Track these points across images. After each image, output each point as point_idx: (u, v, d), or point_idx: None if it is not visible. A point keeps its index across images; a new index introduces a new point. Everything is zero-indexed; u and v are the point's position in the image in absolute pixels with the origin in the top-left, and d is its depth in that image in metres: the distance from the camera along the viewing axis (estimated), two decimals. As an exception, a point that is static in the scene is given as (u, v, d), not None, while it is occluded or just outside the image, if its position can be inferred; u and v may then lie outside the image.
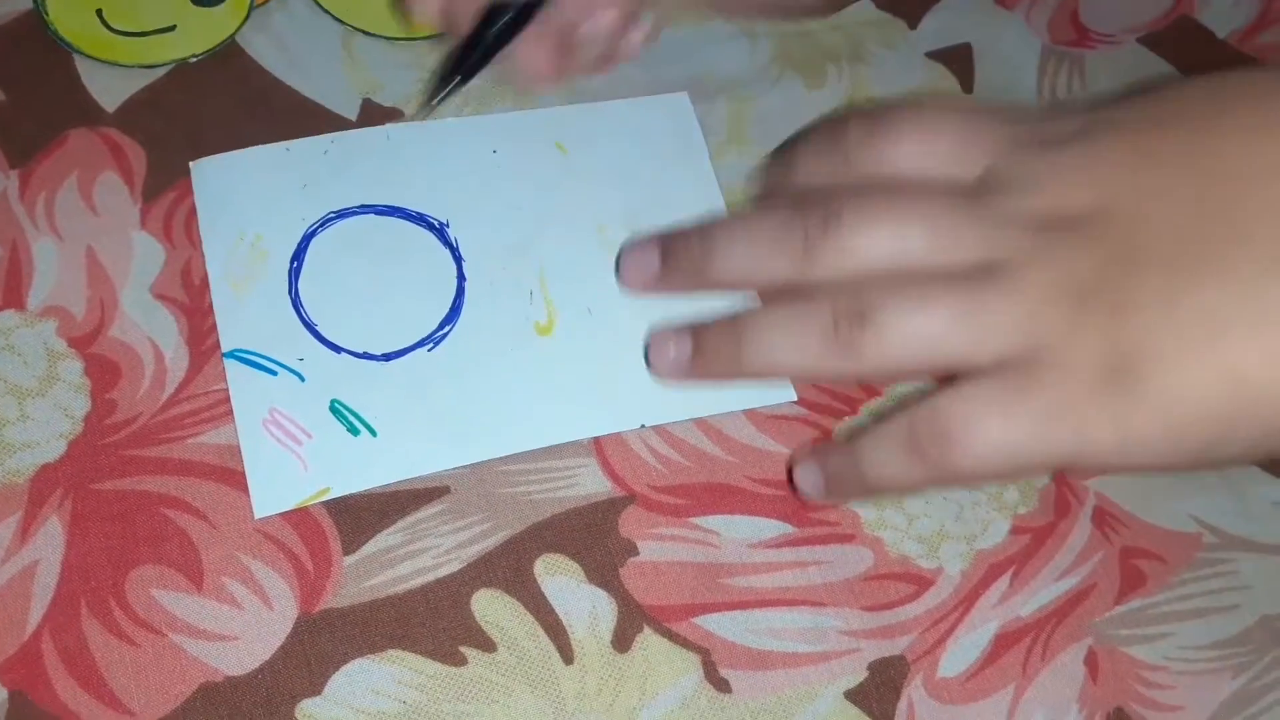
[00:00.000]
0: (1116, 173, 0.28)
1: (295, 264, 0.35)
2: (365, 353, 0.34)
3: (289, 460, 0.32)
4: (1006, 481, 0.32)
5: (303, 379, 0.33)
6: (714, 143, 0.39)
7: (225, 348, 0.33)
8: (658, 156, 0.38)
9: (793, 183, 0.33)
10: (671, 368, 0.32)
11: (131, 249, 0.35)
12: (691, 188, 0.38)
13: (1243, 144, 0.27)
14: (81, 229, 0.35)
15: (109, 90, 0.37)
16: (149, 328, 0.34)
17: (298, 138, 0.37)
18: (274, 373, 0.33)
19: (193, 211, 0.35)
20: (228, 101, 0.37)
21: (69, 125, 0.36)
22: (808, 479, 0.32)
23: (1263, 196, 0.26)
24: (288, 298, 0.34)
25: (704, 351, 0.31)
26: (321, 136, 0.37)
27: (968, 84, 0.41)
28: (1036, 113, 0.31)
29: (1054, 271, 0.28)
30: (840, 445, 0.31)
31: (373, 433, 0.33)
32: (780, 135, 0.39)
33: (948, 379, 0.29)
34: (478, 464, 0.33)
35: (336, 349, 0.34)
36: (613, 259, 0.36)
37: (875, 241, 0.29)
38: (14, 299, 0.34)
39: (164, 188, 0.36)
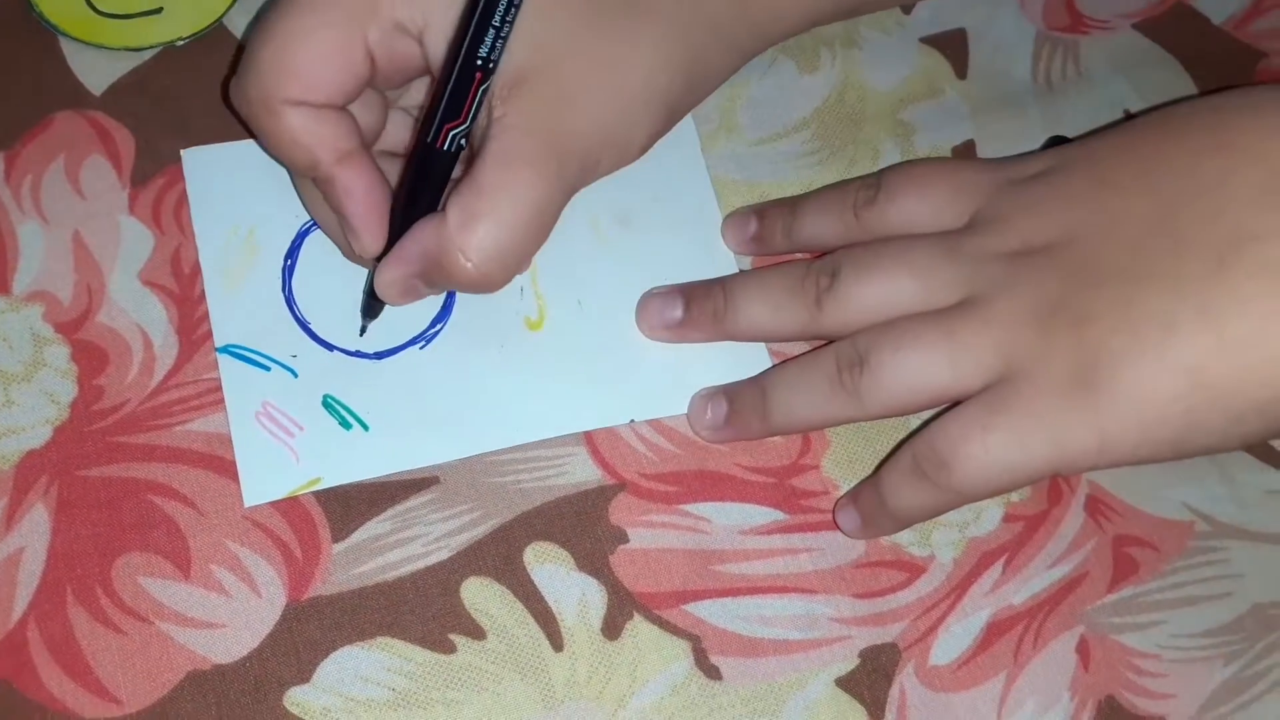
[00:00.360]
0: (1079, 202, 0.31)
1: (289, 261, 0.35)
2: (358, 351, 0.34)
3: (280, 451, 0.32)
4: (1007, 492, 0.34)
5: (295, 374, 0.33)
6: (705, 129, 0.38)
7: (218, 342, 0.33)
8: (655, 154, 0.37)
9: (798, 238, 0.36)
10: (710, 428, 0.34)
11: (119, 234, 0.34)
12: (683, 181, 0.37)
13: (1190, 166, 0.30)
14: (68, 213, 0.34)
15: (95, 73, 0.36)
16: (137, 314, 0.34)
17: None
18: (267, 368, 0.33)
19: (182, 198, 0.35)
20: (216, 85, 0.37)
21: (55, 108, 0.36)
22: (848, 521, 0.33)
23: (1202, 208, 0.29)
24: (281, 295, 0.34)
25: (738, 411, 0.34)
26: None
27: (961, 69, 0.41)
28: (1019, 158, 0.34)
29: (1023, 297, 0.30)
30: (867, 483, 0.33)
31: (365, 427, 0.33)
32: (772, 121, 0.39)
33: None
34: (468, 456, 0.33)
35: (330, 347, 0.34)
36: (604, 253, 0.36)
37: (869, 291, 0.32)
38: (-1, 284, 0.33)
39: (152, 173, 0.35)
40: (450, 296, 0.35)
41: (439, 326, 0.35)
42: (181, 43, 0.37)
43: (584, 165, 0.32)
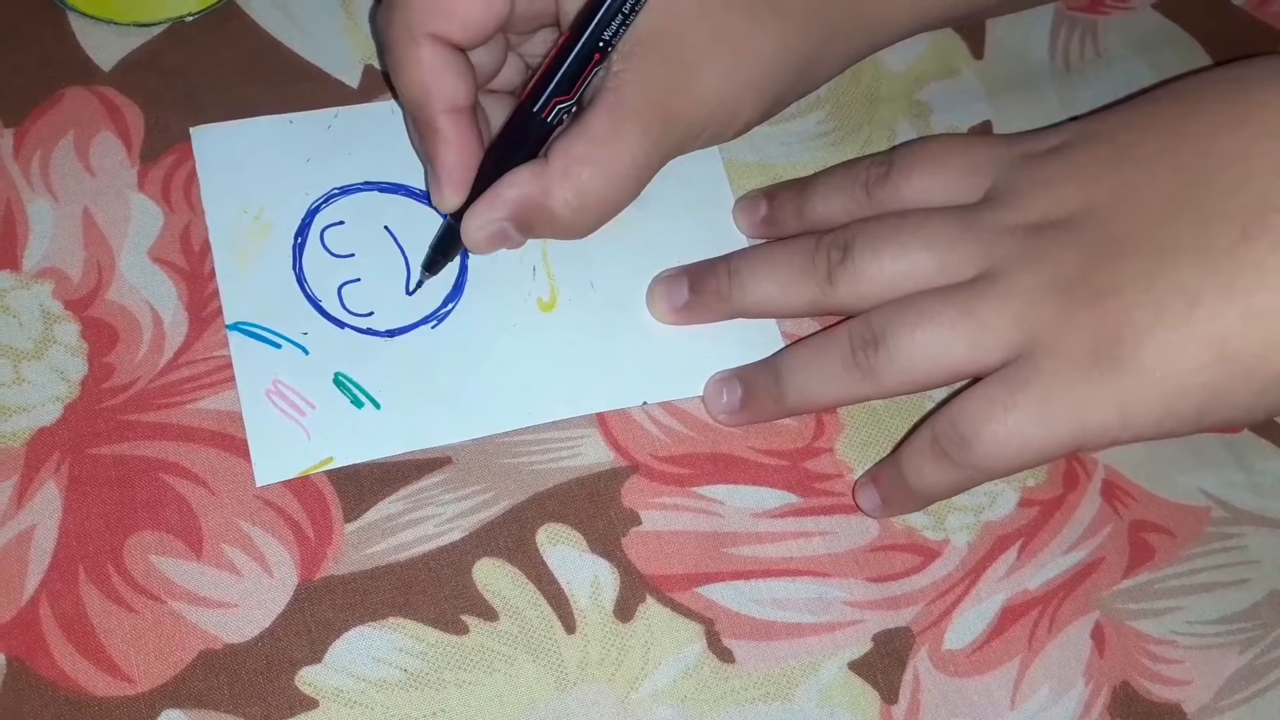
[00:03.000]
0: (1099, 175, 0.31)
1: (299, 239, 0.34)
2: (369, 329, 0.34)
3: (292, 429, 0.32)
4: (1029, 469, 0.33)
5: (306, 352, 0.33)
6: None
7: (229, 320, 0.33)
8: None
9: (809, 217, 0.35)
10: (726, 412, 0.34)
11: (129, 211, 0.34)
12: (695, 163, 0.37)
13: (1211, 138, 0.30)
14: (78, 189, 0.34)
15: (104, 48, 0.36)
16: (147, 291, 0.33)
17: (297, 102, 0.36)
18: (278, 345, 0.33)
19: (192, 175, 0.35)
20: (226, 62, 0.37)
21: (64, 84, 0.35)
22: (867, 499, 0.33)
23: (1225, 181, 0.29)
24: (292, 272, 0.34)
25: (752, 394, 0.34)
26: (325, 110, 0.36)
27: (978, 50, 0.41)
28: (1033, 133, 0.34)
29: (1042, 270, 0.30)
30: (887, 462, 0.33)
31: (376, 405, 0.33)
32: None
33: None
34: (481, 437, 0.33)
35: (340, 324, 0.34)
36: (617, 235, 0.35)
37: (884, 265, 0.32)
38: (9, 259, 0.33)
39: (162, 150, 0.35)
40: (462, 275, 0.35)
41: (451, 306, 0.34)
42: (191, 18, 0.37)
43: (687, 134, 0.33)
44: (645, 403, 0.34)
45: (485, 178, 0.33)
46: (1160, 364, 0.29)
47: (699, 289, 0.34)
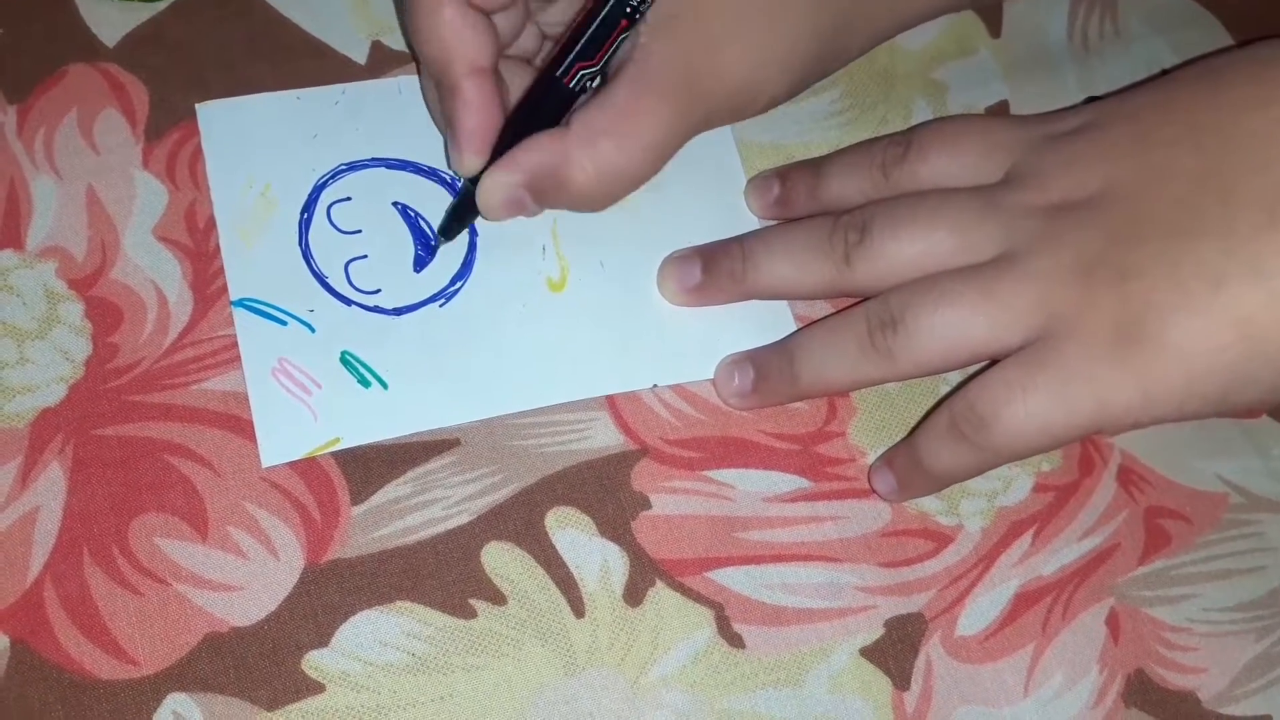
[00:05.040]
0: (1122, 157, 0.31)
1: (306, 215, 0.34)
2: (376, 306, 0.33)
3: (298, 409, 0.32)
4: (1047, 451, 0.33)
5: (313, 330, 0.33)
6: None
7: (234, 296, 0.33)
8: None
9: (824, 198, 0.35)
10: (737, 395, 0.33)
11: (133, 189, 0.34)
12: (706, 141, 0.36)
13: (1235, 119, 0.30)
14: (81, 167, 0.34)
15: (109, 24, 0.36)
16: (152, 270, 0.33)
17: (304, 78, 0.36)
18: (284, 323, 0.33)
19: (196, 152, 0.34)
20: (231, 38, 0.36)
21: (68, 60, 0.35)
22: (882, 482, 0.33)
23: (1249, 163, 0.29)
24: (298, 249, 0.34)
25: (765, 377, 0.33)
26: (333, 86, 0.36)
27: (995, 28, 0.40)
28: (1054, 114, 0.34)
29: (1064, 252, 0.30)
30: (902, 445, 0.33)
31: (384, 385, 0.32)
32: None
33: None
34: (489, 417, 0.32)
35: (347, 301, 0.33)
36: (627, 215, 0.35)
37: (903, 246, 0.31)
38: (12, 238, 0.33)
39: (166, 127, 0.35)
40: (471, 254, 0.34)
41: (459, 284, 0.34)
42: (196, -7, 0.36)
43: (711, 110, 0.33)
44: (655, 385, 0.34)
45: (504, 144, 0.32)
46: (1184, 345, 0.28)
47: (712, 269, 0.34)
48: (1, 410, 0.31)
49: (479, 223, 0.35)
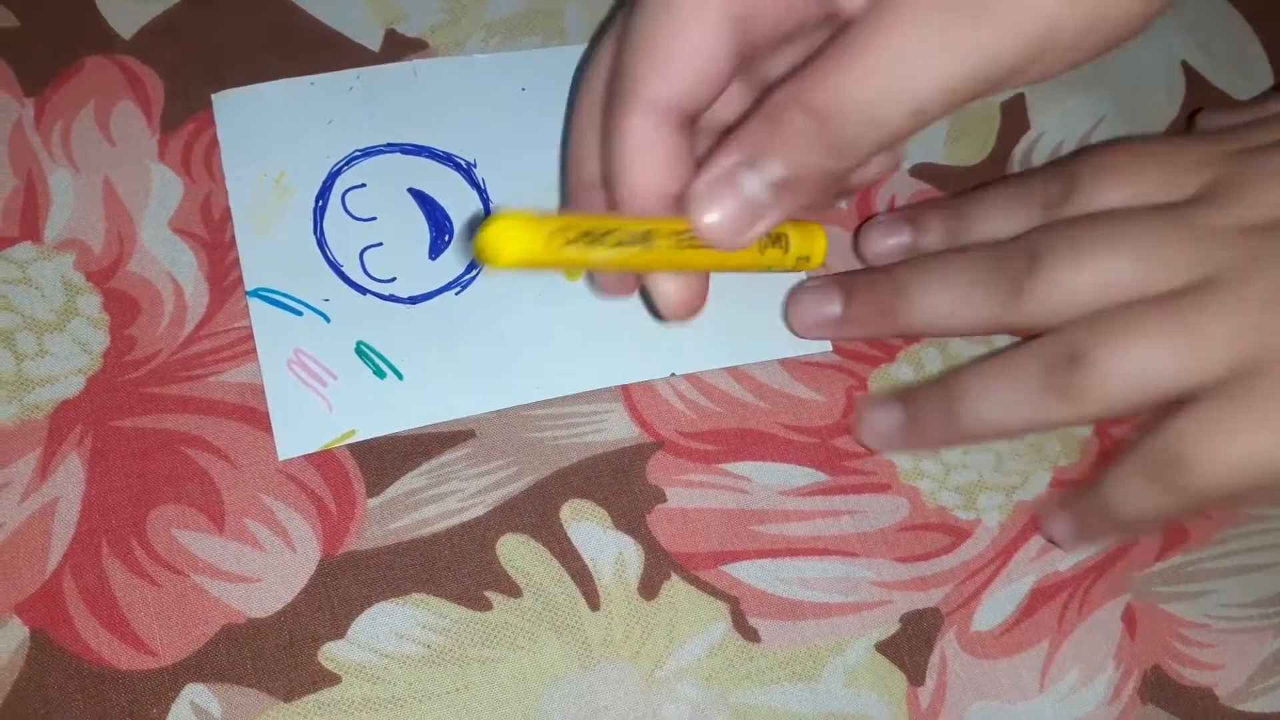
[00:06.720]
0: None
1: (320, 202, 0.34)
2: (391, 295, 0.33)
3: (314, 402, 0.32)
4: (1256, 502, 0.31)
5: (328, 320, 0.33)
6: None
7: (249, 286, 0.33)
8: None
9: (970, 240, 0.31)
10: (881, 439, 0.31)
11: (150, 181, 0.34)
12: None
13: None
14: (98, 160, 0.34)
15: (125, 16, 0.36)
16: (169, 262, 0.33)
17: (319, 68, 0.36)
18: (299, 313, 0.33)
19: (212, 144, 0.34)
20: (246, 29, 0.36)
21: (84, 53, 0.35)
22: (1061, 530, 0.31)
23: None
24: (312, 237, 0.34)
25: (917, 419, 0.31)
26: (347, 71, 0.36)
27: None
28: (1241, 126, 0.31)
29: (1272, 276, 0.27)
30: (1086, 490, 0.31)
31: (399, 376, 0.32)
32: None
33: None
34: (505, 409, 0.32)
35: (362, 290, 0.33)
36: None
37: (1082, 273, 0.28)
38: (31, 230, 0.33)
39: (182, 119, 0.35)
40: None
41: (475, 272, 0.34)
42: (212, -15, 0.36)
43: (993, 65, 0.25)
44: (673, 374, 0.33)
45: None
46: None
47: (857, 301, 0.31)
48: (21, 402, 0.31)
49: (495, 209, 0.34)
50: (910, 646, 0.31)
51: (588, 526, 0.32)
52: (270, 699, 0.29)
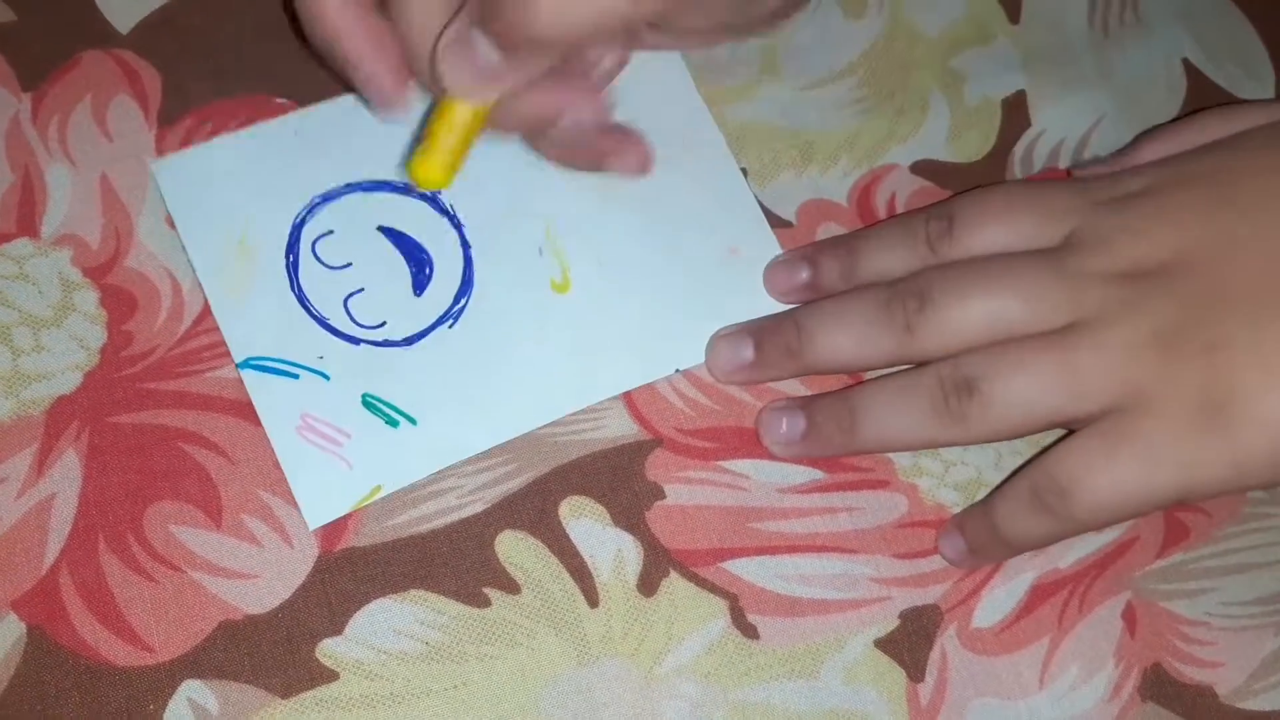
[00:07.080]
0: (1193, 222, 0.30)
1: (291, 257, 0.33)
2: (386, 340, 0.32)
3: (333, 464, 0.31)
4: (1130, 520, 0.33)
5: (327, 378, 0.32)
6: (745, 76, 0.37)
7: (237, 359, 0.32)
8: (653, 109, 0.35)
9: (862, 277, 0.33)
10: (783, 444, 0.33)
11: (147, 177, 0.34)
12: (693, 135, 0.36)
13: None
14: (95, 154, 0.34)
15: (122, 11, 0.36)
16: (165, 258, 0.33)
17: (317, 60, 0.35)
18: (295, 376, 0.32)
19: (211, 136, 0.34)
20: (244, 23, 0.36)
21: (82, 47, 0.35)
22: (952, 547, 0.32)
23: None
24: (291, 295, 0.32)
25: (817, 427, 0.32)
26: (287, 116, 0.34)
27: (1015, 13, 0.40)
28: (1107, 177, 0.33)
29: (1140, 322, 0.29)
30: (976, 510, 0.32)
31: (413, 422, 0.32)
32: (817, 66, 0.38)
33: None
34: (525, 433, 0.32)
35: (355, 341, 0.32)
36: (617, 209, 0.34)
37: (970, 312, 0.31)
38: (27, 226, 0.33)
39: (180, 113, 0.35)
40: (469, 269, 0.33)
41: (464, 300, 0.33)
42: (210, -21, 0.36)
43: None
44: (677, 370, 0.33)
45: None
46: (1273, 417, 0.28)
47: (765, 346, 0.33)
48: (18, 398, 0.31)
49: (470, 233, 0.34)
50: (910, 643, 0.31)
51: (586, 523, 0.31)
52: (268, 695, 0.29)
